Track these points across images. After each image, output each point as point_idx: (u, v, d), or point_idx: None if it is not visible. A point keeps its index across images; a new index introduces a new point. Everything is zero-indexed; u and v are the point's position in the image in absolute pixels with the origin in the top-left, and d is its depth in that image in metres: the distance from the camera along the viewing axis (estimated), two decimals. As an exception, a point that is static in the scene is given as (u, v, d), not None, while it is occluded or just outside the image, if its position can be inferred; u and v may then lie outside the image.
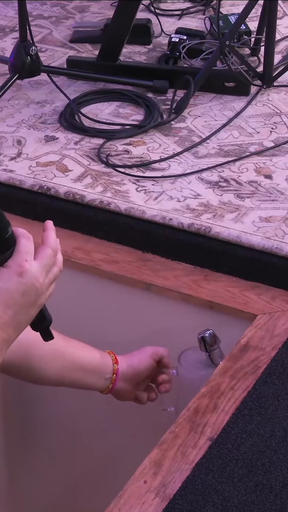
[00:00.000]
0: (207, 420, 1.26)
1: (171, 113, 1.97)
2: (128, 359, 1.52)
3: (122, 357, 1.51)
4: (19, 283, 1.07)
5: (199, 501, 1.13)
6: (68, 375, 1.47)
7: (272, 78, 2.04)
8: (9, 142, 1.88)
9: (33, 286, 1.08)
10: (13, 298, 1.07)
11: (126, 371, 1.50)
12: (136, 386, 1.53)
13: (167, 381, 1.54)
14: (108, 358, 1.50)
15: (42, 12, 2.51)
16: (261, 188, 1.71)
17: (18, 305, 1.08)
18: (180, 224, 1.61)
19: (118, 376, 1.49)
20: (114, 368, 1.49)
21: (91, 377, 1.48)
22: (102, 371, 1.48)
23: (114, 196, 1.69)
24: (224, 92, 2.05)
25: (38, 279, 1.09)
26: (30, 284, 1.08)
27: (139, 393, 1.54)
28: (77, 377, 1.47)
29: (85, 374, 1.47)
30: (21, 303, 1.08)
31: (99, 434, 1.74)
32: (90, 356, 1.48)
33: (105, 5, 2.53)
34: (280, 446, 1.21)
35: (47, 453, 1.87)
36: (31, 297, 1.09)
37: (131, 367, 1.51)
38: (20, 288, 1.07)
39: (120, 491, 1.15)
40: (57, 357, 1.45)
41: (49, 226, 1.16)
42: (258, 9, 2.15)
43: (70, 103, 1.98)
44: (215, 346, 1.47)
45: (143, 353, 1.53)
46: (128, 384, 1.51)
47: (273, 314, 1.48)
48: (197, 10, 2.48)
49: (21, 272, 1.07)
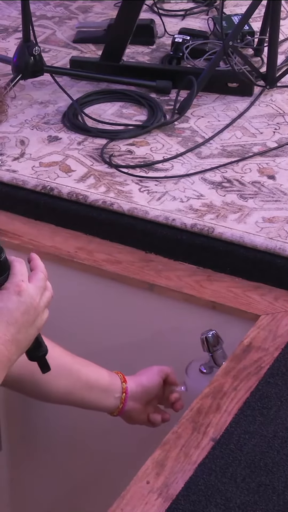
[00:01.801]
0: (210, 421, 1.26)
1: (174, 113, 1.97)
2: (136, 378, 1.50)
3: (130, 377, 1.49)
4: (18, 302, 1.11)
5: (201, 501, 1.13)
6: (75, 392, 1.44)
7: (275, 78, 2.04)
8: (12, 142, 1.88)
9: (31, 305, 1.13)
10: (14, 316, 1.11)
11: (135, 390, 1.48)
12: (146, 405, 1.51)
13: (179, 399, 1.52)
14: (116, 377, 1.48)
15: (45, 12, 2.51)
16: (264, 188, 1.71)
17: (19, 323, 1.11)
18: (183, 225, 1.61)
19: (127, 395, 1.47)
20: (123, 387, 1.47)
21: (100, 395, 1.46)
22: (111, 390, 1.46)
23: (117, 197, 1.69)
24: (227, 92, 2.05)
25: (34, 298, 1.13)
26: (28, 303, 1.12)
27: (152, 415, 1.52)
28: (84, 394, 1.45)
29: (94, 392, 1.45)
30: (21, 322, 1.12)
31: (101, 435, 1.73)
32: (98, 374, 1.46)
33: (108, 5, 2.53)
34: (283, 446, 1.21)
35: (49, 454, 1.87)
36: (30, 316, 1.13)
37: (140, 385, 1.49)
38: (20, 307, 1.12)
39: (122, 492, 1.15)
40: (64, 373, 1.43)
41: (34, 256, 1.19)
42: (262, 10, 2.15)
43: (73, 103, 1.98)
44: (218, 347, 1.47)
45: (150, 372, 1.51)
46: (138, 404, 1.49)
47: (276, 315, 1.48)
48: (200, 10, 2.48)
49: (19, 291, 1.12)
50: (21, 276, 1.13)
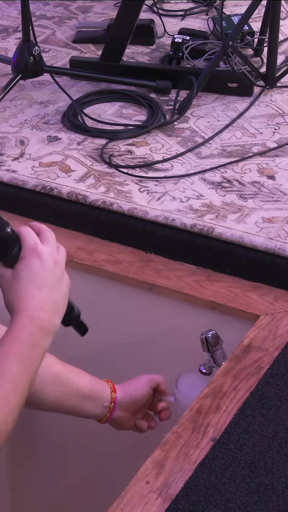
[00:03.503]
0: (210, 421, 1.26)
1: (174, 113, 1.97)
2: (125, 388, 1.50)
3: (119, 386, 1.50)
4: (40, 264, 1.12)
5: (201, 501, 1.13)
6: (66, 401, 1.44)
7: (275, 78, 2.05)
8: (12, 142, 1.88)
9: (54, 262, 1.14)
10: (42, 278, 1.11)
11: (123, 400, 1.48)
12: (134, 414, 1.51)
13: (166, 408, 1.52)
14: (106, 386, 1.48)
15: (45, 13, 2.51)
16: (264, 188, 1.71)
17: (49, 283, 1.12)
18: (183, 225, 1.61)
19: (116, 404, 1.47)
20: (112, 397, 1.47)
21: (88, 404, 1.46)
22: (100, 399, 1.47)
23: (117, 197, 1.69)
24: (227, 92, 2.05)
25: (54, 255, 1.14)
26: (50, 260, 1.13)
27: (138, 422, 1.52)
28: (75, 403, 1.45)
29: (83, 401, 1.45)
30: (50, 281, 1.12)
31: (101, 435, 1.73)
32: (88, 383, 1.46)
33: (108, 5, 2.53)
34: (283, 446, 1.21)
35: (49, 454, 1.87)
36: (56, 273, 1.14)
37: (128, 395, 1.49)
38: (44, 267, 1.12)
39: (122, 492, 1.15)
40: (56, 383, 1.43)
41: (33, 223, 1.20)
42: (261, 10, 2.15)
43: (73, 104, 1.98)
44: (217, 347, 1.47)
45: (139, 381, 1.51)
46: (125, 413, 1.50)
47: (276, 315, 1.48)
48: (200, 10, 2.48)
49: (37, 254, 1.12)
50: (32, 240, 1.14)
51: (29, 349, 1.08)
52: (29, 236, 1.14)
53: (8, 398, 1.04)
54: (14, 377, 1.05)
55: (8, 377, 1.05)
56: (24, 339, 1.08)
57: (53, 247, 1.15)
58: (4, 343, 1.08)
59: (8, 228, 1.13)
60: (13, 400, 1.05)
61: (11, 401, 1.04)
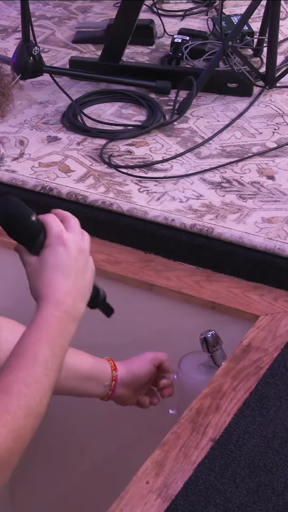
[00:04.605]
0: (209, 421, 1.26)
1: (174, 113, 1.97)
2: (127, 365, 1.51)
3: (121, 363, 1.51)
4: (66, 251, 1.14)
5: (201, 501, 1.13)
6: (66, 382, 1.44)
7: (275, 79, 2.05)
8: (12, 142, 1.88)
9: (79, 250, 1.15)
10: (68, 266, 1.13)
11: (125, 377, 1.49)
12: (136, 391, 1.53)
13: (168, 386, 1.53)
14: (107, 365, 1.49)
15: (44, 13, 2.51)
16: (263, 189, 1.71)
17: (74, 270, 1.14)
18: (182, 225, 1.61)
19: (117, 383, 1.48)
20: (113, 375, 1.48)
21: (89, 384, 1.47)
22: (101, 378, 1.48)
23: (117, 197, 1.69)
24: (227, 92, 2.06)
25: (79, 242, 1.16)
26: (75, 248, 1.15)
27: (141, 398, 1.54)
28: (75, 384, 1.46)
29: (83, 382, 1.46)
30: (76, 268, 1.14)
31: (101, 435, 1.73)
32: (87, 363, 1.47)
33: (108, 5, 2.53)
34: (282, 447, 1.21)
35: (48, 454, 1.87)
36: (81, 260, 1.15)
37: (130, 373, 1.50)
38: (70, 254, 1.14)
39: (122, 492, 1.15)
40: None
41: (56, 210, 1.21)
42: (261, 10, 2.15)
43: (72, 104, 1.98)
44: (217, 347, 1.47)
45: (142, 359, 1.52)
46: (128, 390, 1.51)
47: (276, 315, 1.48)
48: (199, 10, 2.48)
49: (63, 242, 1.14)
50: (58, 227, 1.15)
51: (58, 334, 1.10)
52: (54, 224, 1.15)
53: (41, 381, 1.06)
54: (46, 361, 1.07)
55: (40, 362, 1.07)
56: (53, 325, 1.10)
57: (78, 234, 1.17)
58: (33, 329, 1.10)
59: (33, 217, 1.14)
60: (46, 383, 1.06)
61: (44, 384, 1.06)
